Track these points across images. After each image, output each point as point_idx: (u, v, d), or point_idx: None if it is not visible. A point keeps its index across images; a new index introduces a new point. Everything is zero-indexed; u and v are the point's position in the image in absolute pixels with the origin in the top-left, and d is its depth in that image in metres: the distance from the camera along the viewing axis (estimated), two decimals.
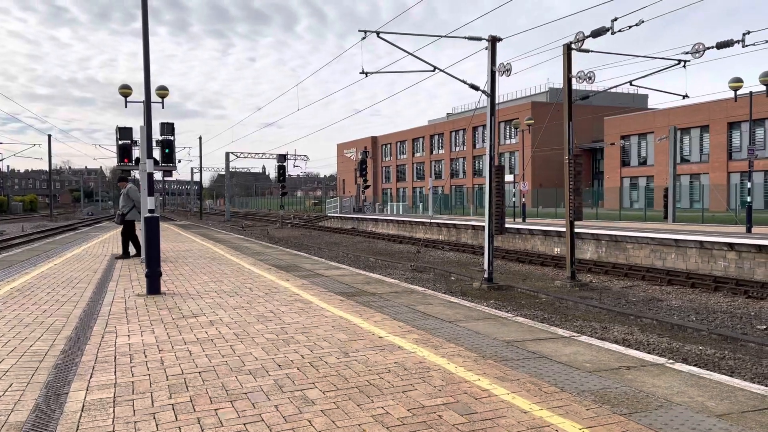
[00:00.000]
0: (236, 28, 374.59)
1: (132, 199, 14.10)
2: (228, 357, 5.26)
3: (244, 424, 3.70)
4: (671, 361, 5.20)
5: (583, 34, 15.50)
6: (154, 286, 8.83)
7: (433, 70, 15.79)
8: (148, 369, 4.89)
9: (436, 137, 79.51)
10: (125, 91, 14.70)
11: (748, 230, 21.12)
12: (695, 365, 7.65)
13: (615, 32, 14.66)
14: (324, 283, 9.91)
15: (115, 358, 5.25)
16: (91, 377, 4.67)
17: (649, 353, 7.19)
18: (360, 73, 15.83)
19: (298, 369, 4.88)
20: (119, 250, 16.40)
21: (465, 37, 15.45)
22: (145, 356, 5.30)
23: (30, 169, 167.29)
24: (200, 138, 66.81)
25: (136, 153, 17.87)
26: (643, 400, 4.11)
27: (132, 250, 14.42)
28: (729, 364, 8.37)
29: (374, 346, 5.62)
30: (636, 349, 8.45)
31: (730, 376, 7.21)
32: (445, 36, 15.65)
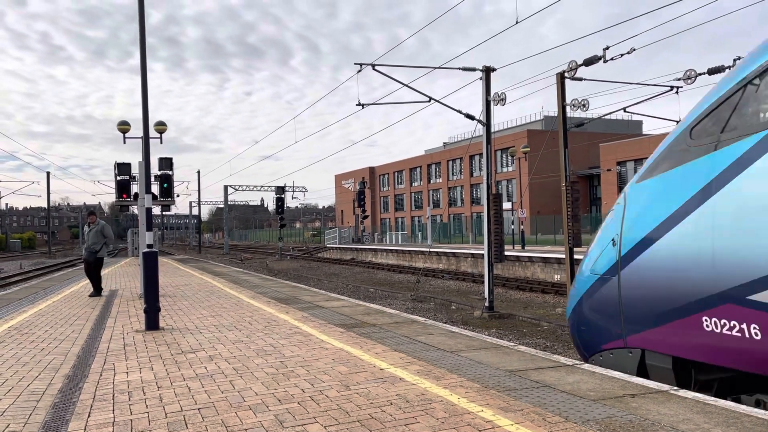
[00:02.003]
0: (232, 63, 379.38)
1: (105, 236, 13.76)
2: (228, 392, 5.20)
3: None
4: (675, 387, 5.15)
5: (576, 62, 15.72)
6: (152, 322, 8.77)
7: (429, 101, 15.97)
8: (146, 406, 4.83)
9: (434, 166, 79.95)
10: (124, 127, 14.84)
11: None
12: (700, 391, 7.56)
13: (607, 60, 14.87)
14: (324, 315, 9.85)
15: (114, 395, 5.18)
16: (89, 416, 4.60)
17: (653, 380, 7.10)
18: (356, 104, 16.02)
19: (298, 403, 4.82)
20: (117, 286, 16.33)
21: (459, 68, 15.66)
22: (144, 393, 5.24)
23: (28, 207, 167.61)
24: (198, 172, 67.10)
25: (135, 188, 17.92)
26: (649, 428, 4.06)
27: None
28: None
29: (375, 379, 5.56)
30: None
31: (736, 401, 7.12)
32: (439, 67, 15.88)
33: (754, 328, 4.73)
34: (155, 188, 16.70)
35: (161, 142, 16.10)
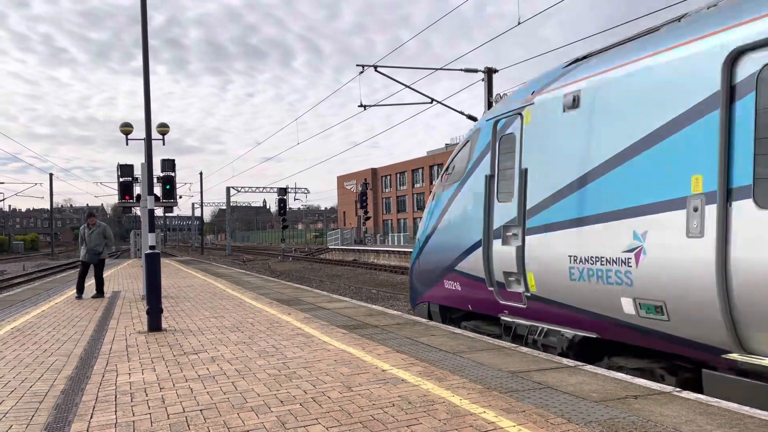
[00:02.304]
0: (234, 65, 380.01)
1: (106, 238, 13.78)
2: (230, 394, 5.20)
3: None
4: (678, 389, 5.14)
5: None
6: (155, 323, 8.78)
7: (431, 102, 15.98)
8: (149, 408, 4.84)
9: (436, 167, 79.94)
10: (126, 129, 14.78)
11: None
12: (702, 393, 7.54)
13: None
14: (326, 316, 9.85)
15: (116, 397, 5.19)
16: (91, 417, 4.61)
17: (655, 381, 7.09)
18: (358, 106, 16.05)
19: (300, 405, 4.82)
20: (119, 288, 16.36)
21: (461, 69, 15.68)
22: (146, 394, 5.24)
23: (31, 208, 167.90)
24: (201, 174, 67.20)
25: (137, 190, 17.95)
26: (652, 429, 4.05)
27: (88, 289, 13.84)
28: None
29: (378, 380, 5.56)
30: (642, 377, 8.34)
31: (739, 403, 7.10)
32: (441, 68, 15.89)
33: (457, 284, 8.66)
34: (158, 190, 16.69)
35: (164, 144, 16.07)
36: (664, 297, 5.42)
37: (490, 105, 15.36)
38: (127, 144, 15.18)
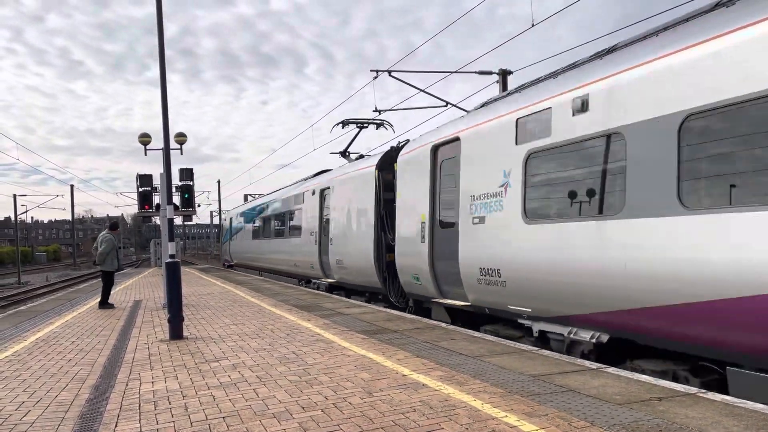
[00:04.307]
0: (247, 73, 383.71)
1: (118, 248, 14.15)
2: (251, 401, 5.23)
3: None
4: (704, 390, 5.07)
5: None
6: (176, 332, 8.85)
7: (446, 106, 15.96)
8: (172, 416, 4.88)
9: None
10: (145, 139, 14.96)
11: None
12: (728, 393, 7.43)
13: None
14: (345, 321, 9.87)
15: (140, 405, 5.24)
16: (116, 426, 4.66)
17: (680, 383, 7.00)
18: (373, 111, 16.05)
19: (322, 411, 4.84)
20: (141, 297, 16.52)
21: (476, 72, 15.65)
22: (169, 403, 5.29)
23: (53, 219, 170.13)
24: (218, 182, 67.63)
25: (156, 199, 18.11)
26: None
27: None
28: None
29: (398, 385, 5.56)
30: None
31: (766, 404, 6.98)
32: (455, 71, 15.86)
33: (225, 256, 38.75)
34: (176, 199, 16.87)
35: (181, 153, 16.25)
36: (249, 259, 29.99)
37: None
38: (145, 154, 15.35)
